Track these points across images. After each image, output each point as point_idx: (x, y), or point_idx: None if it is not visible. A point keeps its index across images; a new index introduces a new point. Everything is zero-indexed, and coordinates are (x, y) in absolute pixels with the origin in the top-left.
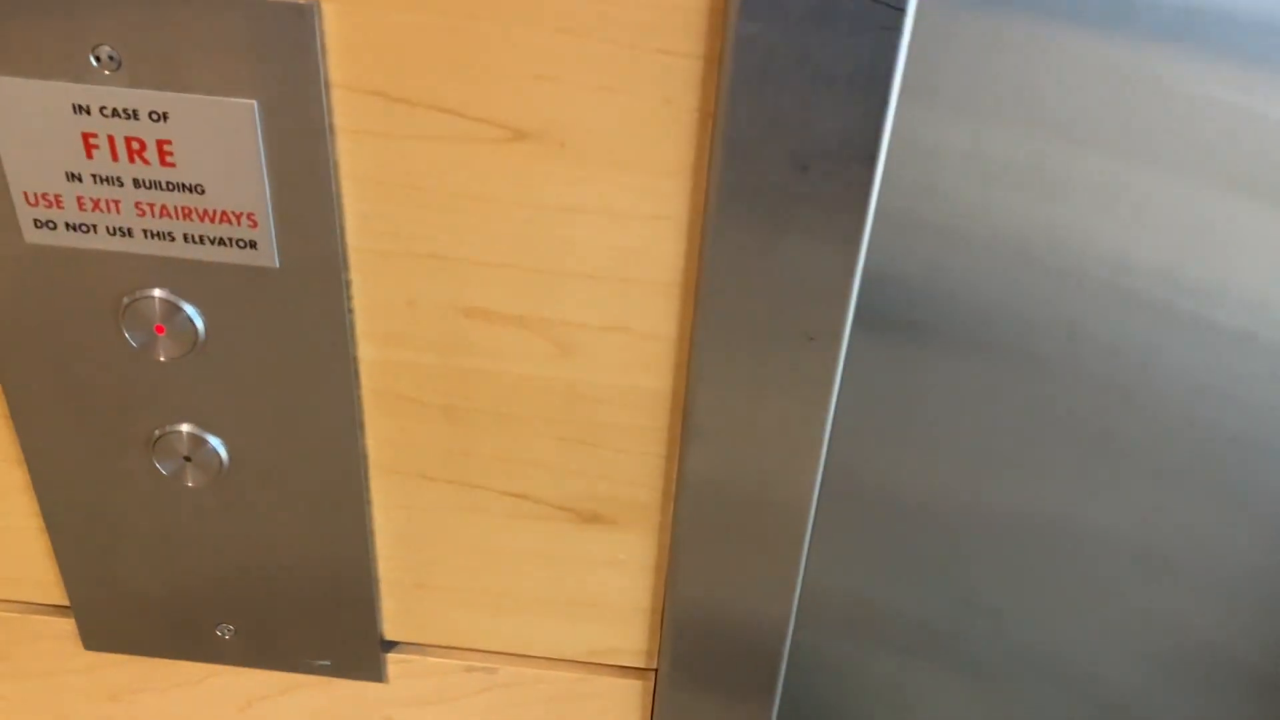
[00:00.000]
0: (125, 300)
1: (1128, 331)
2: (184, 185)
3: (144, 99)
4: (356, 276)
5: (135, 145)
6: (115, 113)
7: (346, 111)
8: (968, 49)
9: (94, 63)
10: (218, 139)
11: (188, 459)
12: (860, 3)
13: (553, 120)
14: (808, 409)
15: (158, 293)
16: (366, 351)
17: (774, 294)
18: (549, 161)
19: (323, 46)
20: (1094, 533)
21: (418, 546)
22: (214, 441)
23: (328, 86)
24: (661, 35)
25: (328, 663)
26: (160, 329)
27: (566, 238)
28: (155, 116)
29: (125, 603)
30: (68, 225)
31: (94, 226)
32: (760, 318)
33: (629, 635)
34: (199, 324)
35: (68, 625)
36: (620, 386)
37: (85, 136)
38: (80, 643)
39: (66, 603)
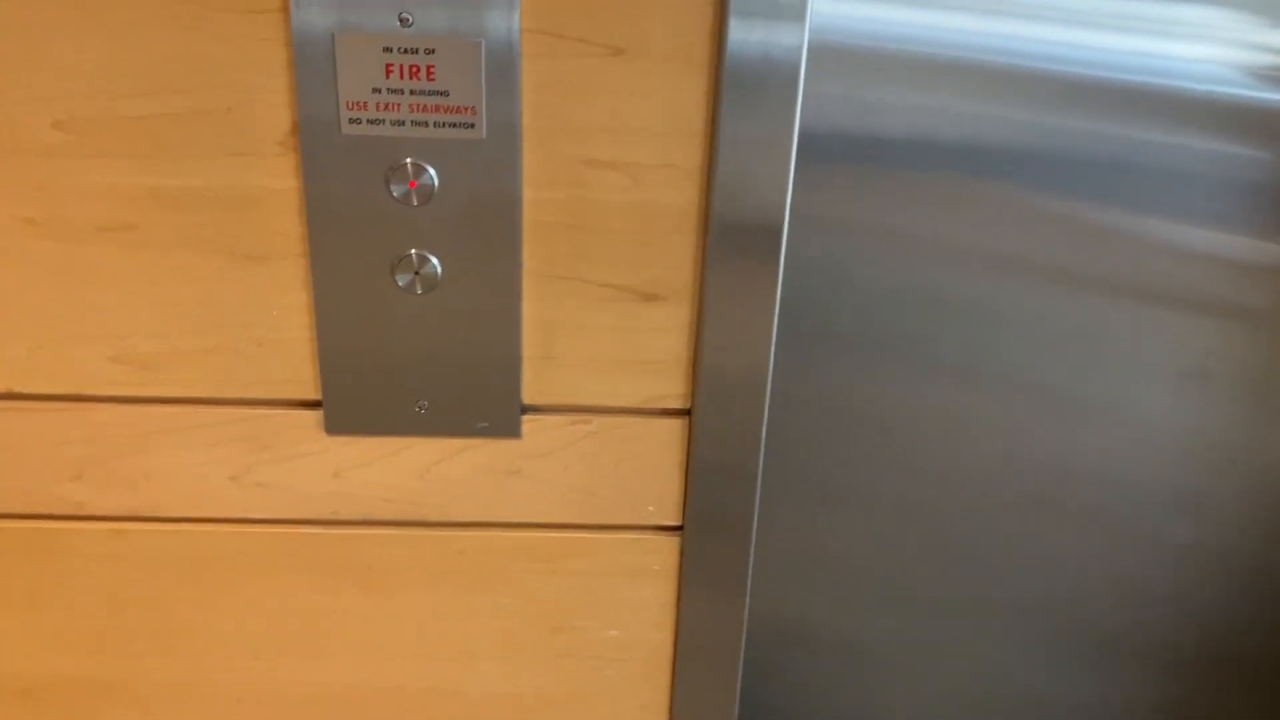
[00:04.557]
0: (394, 165)
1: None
2: (438, 91)
3: (424, 41)
4: (526, 144)
5: (414, 70)
6: (405, 51)
7: (531, 45)
8: None
9: (398, 24)
10: (460, 63)
11: (417, 273)
12: None
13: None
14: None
15: (412, 160)
16: (528, 193)
17: None
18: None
19: (522, 6)
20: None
21: (546, 327)
22: (434, 260)
23: (520, 30)
24: None
25: (486, 424)
26: (413, 184)
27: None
28: (428, 52)
29: (358, 392)
30: (368, 120)
31: (383, 120)
32: None
33: (673, 383)
34: (435, 179)
35: (312, 416)
36: (667, 204)
37: (386, 66)
38: (321, 429)
39: (315, 397)
